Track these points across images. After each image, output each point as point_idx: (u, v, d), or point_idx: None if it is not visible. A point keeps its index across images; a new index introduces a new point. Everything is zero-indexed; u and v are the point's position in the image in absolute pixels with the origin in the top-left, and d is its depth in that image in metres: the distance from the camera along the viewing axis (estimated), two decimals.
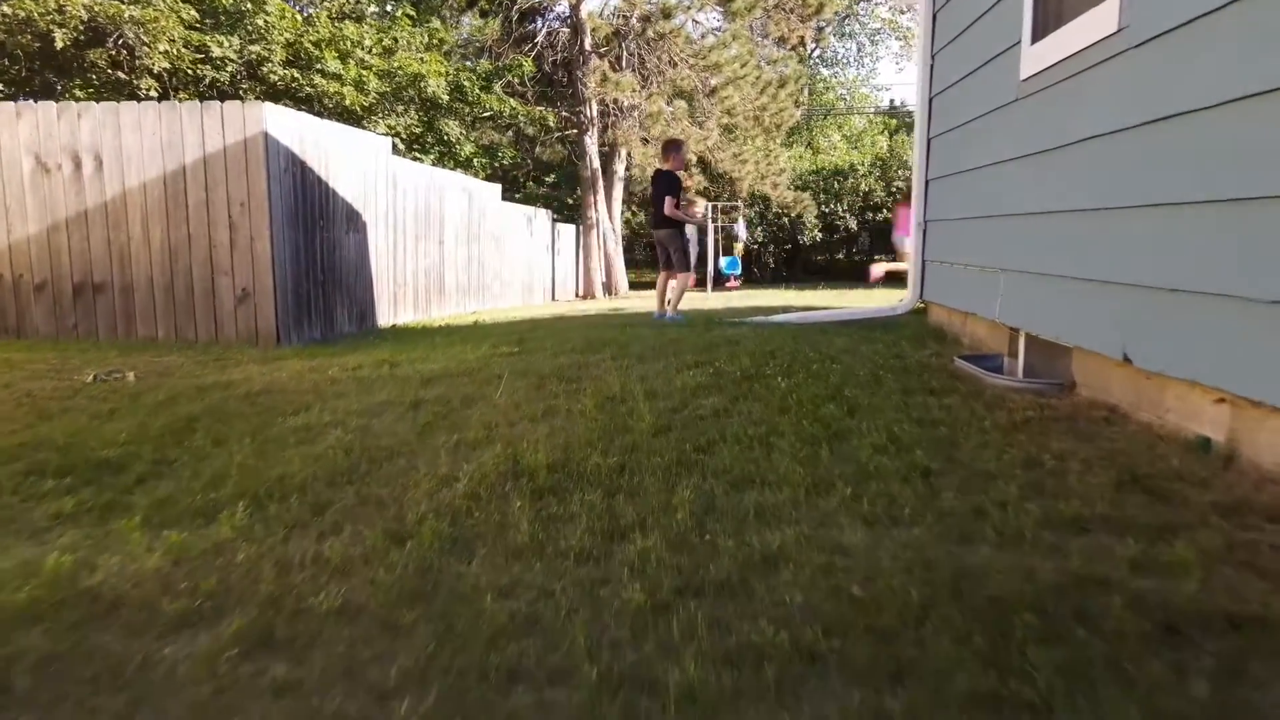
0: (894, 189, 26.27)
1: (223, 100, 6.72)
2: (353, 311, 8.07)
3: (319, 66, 11.45)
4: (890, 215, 25.81)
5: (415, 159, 13.93)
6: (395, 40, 12.72)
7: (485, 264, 12.83)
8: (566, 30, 17.73)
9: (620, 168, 20.37)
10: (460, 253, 11.60)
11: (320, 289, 7.39)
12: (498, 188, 13.66)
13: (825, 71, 32.11)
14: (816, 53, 32.56)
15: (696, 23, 18.74)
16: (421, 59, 12.63)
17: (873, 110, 34.16)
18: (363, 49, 11.95)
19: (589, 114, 17.57)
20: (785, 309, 7.86)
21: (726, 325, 6.24)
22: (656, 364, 4.62)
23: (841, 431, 2.96)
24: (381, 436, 3.30)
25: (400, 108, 12.87)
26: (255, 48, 11.01)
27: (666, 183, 7.35)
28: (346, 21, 11.68)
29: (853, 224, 26.13)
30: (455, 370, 4.80)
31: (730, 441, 2.88)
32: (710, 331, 5.91)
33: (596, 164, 18.14)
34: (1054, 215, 3.80)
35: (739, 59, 16.26)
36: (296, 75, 11.24)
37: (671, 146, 7.63)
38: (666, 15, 15.49)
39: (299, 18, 11.37)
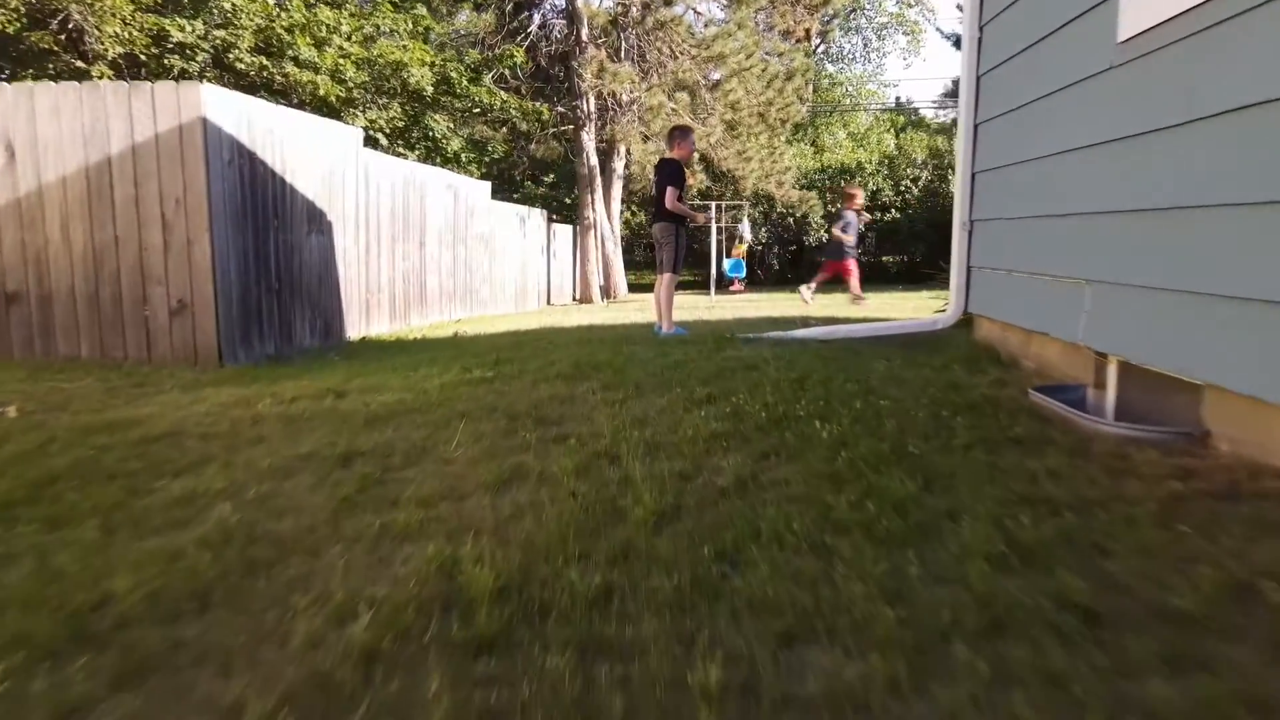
0: (902, 188, 25.40)
1: None
2: (315, 323, 7.16)
3: (292, 54, 10.55)
4: (899, 215, 24.93)
5: (399, 155, 13.03)
6: (377, 28, 11.82)
7: (473, 267, 11.93)
8: (562, 22, 16.84)
9: (619, 165, 19.48)
10: (444, 255, 10.70)
11: (275, 298, 6.49)
12: (487, 185, 12.76)
13: (830, 67, 31.21)
14: (821, 48, 31.66)
15: (698, 14, 17.85)
16: (404, 47, 11.72)
17: (879, 107, 33.23)
18: (340, 35, 11.04)
19: (586, 109, 16.66)
20: (803, 320, 6.97)
21: (740, 343, 5.35)
22: (658, 398, 3.72)
23: (927, 524, 2.05)
24: (282, 516, 2.39)
25: (382, 100, 11.96)
26: (221, 33, 10.11)
27: (669, 172, 6.36)
28: (321, 6, 10.78)
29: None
30: (411, 404, 3.90)
31: (767, 542, 1.97)
32: (722, 352, 5.00)
33: (594, 161, 17.23)
34: (1177, 212, 2.89)
35: (744, 49, 15.35)
36: (266, 64, 10.33)
37: (679, 132, 6.67)
38: (668, 2, 14.59)
39: (270, 0, 10.47)
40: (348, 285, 7.82)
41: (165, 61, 11.49)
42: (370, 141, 12.77)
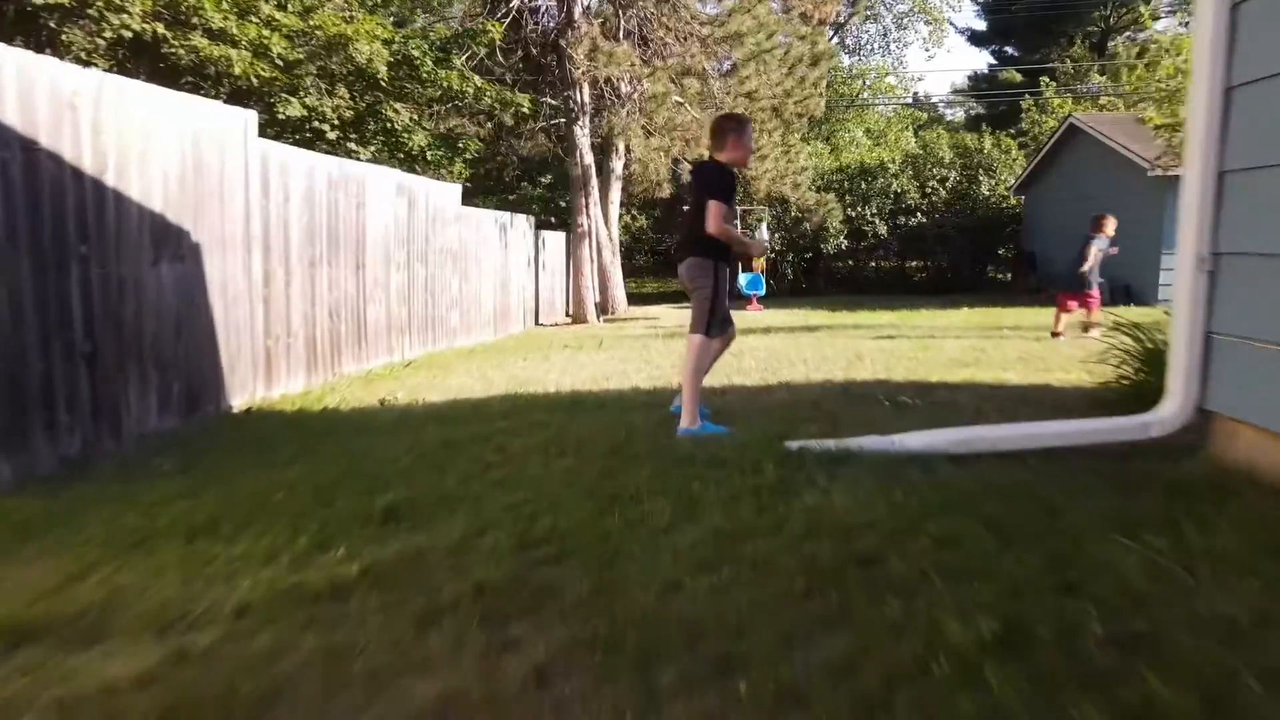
0: (928, 189, 23.10)
1: None
2: (170, 391, 4.89)
3: (199, 22, 8.30)
4: (925, 219, 22.61)
5: (351, 153, 10.76)
6: None
7: (437, 290, 9.66)
8: (553, 2, 14.57)
9: (618, 165, 17.23)
10: (395, 278, 8.44)
11: (85, 366, 4.22)
12: (456, 188, 10.50)
13: (847, 59, 28.88)
14: (835, 40, 29.38)
15: None
16: (350, 18, 9.46)
17: (897, 102, 30.93)
18: (267, 2, 8.78)
19: (579, 99, 14.40)
20: (890, 397, 4.62)
21: (817, 466, 3.08)
22: None
23: None
24: None
25: (323, 84, 9.68)
26: None
27: (711, 180, 3.92)
28: None
29: (882, 229, 22.95)
30: None
31: None
32: (795, 498, 2.73)
33: (589, 160, 14.95)
34: None
35: (764, 28, 13.07)
36: (165, 33, 8.07)
37: (729, 125, 4.04)
38: None
39: None
40: (233, 331, 5.55)
41: (65, 36, 9.25)
42: (315, 134, 10.49)
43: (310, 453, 3.94)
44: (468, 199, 12.79)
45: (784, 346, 7.71)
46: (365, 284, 7.72)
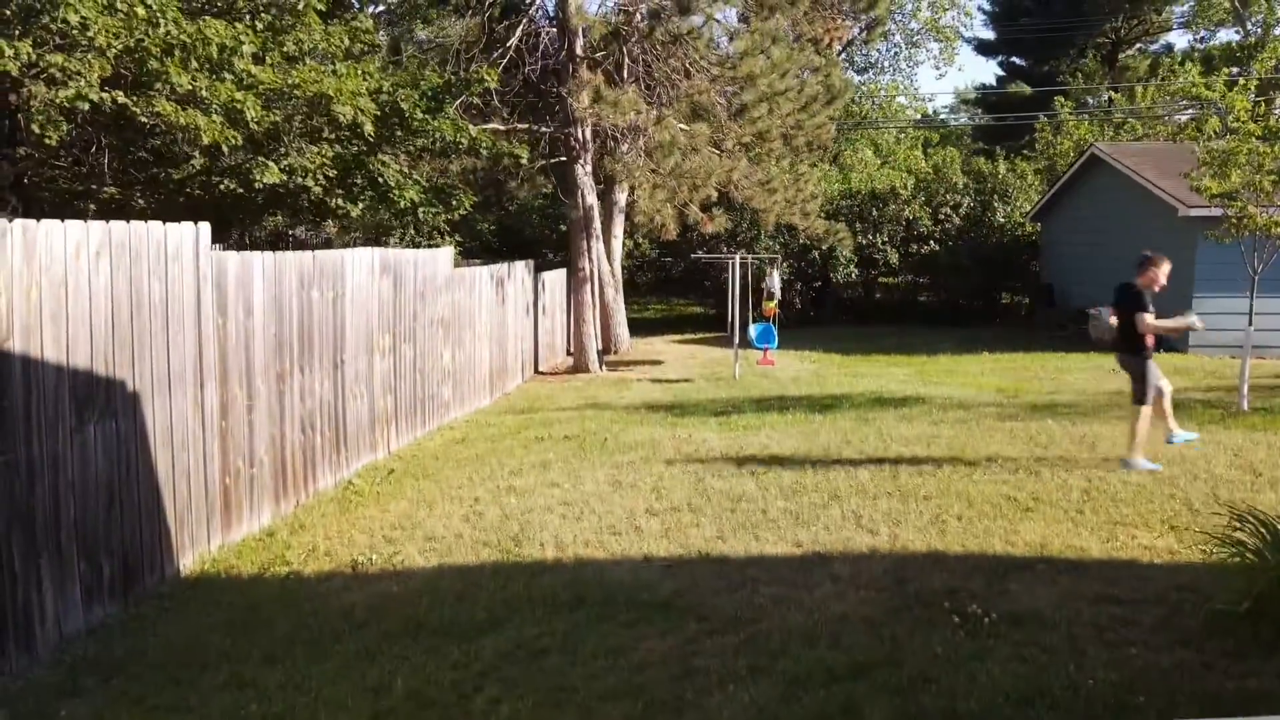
0: (941, 215, 22.31)
1: None
2: (99, 574, 4.15)
3: (168, 83, 7.54)
4: (938, 247, 21.79)
5: (339, 208, 10.02)
6: (299, 45, 8.80)
7: (427, 368, 8.92)
8: (553, 30, 13.83)
9: (621, 197, 16.49)
10: (379, 366, 7.69)
11: None
12: (448, 252, 9.76)
13: (855, 78, 28.08)
14: (843, 57, 28.60)
15: (717, 22, 14.81)
16: (334, 72, 8.71)
17: (906, 122, 30.17)
18: (242, 58, 8.04)
19: (580, 137, 13.65)
20: (947, 582, 3.78)
21: None
22: None
23: None
24: None
25: (299, 144, 8.92)
26: (58, 58, 7.10)
27: (1138, 299, 6.27)
28: (209, 20, 7.70)
29: (894, 258, 22.18)
30: None
31: None
32: None
33: (591, 199, 14.19)
34: None
35: (777, 68, 12.31)
36: (125, 100, 7.32)
37: (1147, 261, 6.44)
38: (684, 10, 11.53)
39: (140, 10, 7.44)
40: (182, 479, 4.80)
41: (31, 102, 8.51)
42: (300, 190, 9.76)
43: (240, 695, 3.18)
44: (464, 216, 11.96)
45: (808, 447, 6.96)
46: (345, 382, 6.97)
